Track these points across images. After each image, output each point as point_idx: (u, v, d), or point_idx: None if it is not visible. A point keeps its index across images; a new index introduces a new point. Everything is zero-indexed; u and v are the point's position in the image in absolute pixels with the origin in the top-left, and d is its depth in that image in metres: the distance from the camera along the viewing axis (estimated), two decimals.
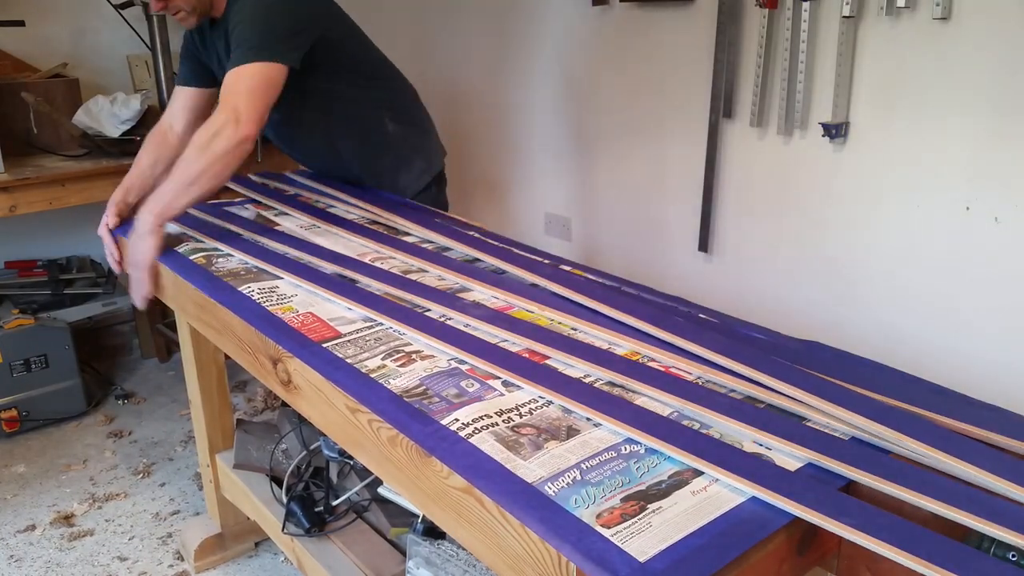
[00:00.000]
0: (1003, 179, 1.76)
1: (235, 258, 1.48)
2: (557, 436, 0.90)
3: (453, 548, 1.25)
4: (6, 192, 2.20)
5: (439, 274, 1.38)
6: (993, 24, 1.71)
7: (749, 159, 2.29)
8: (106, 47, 2.83)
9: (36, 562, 1.91)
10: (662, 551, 0.72)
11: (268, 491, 1.67)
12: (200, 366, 1.77)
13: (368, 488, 1.55)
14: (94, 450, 2.38)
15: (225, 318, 1.30)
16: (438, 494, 0.89)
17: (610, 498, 0.79)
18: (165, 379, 2.83)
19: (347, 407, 1.02)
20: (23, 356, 2.40)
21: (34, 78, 2.54)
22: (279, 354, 1.15)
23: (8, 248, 2.77)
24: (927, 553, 0.70)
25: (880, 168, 1.99)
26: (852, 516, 0.75)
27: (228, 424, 1.85)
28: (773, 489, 0.79)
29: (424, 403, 0.97)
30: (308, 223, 1.67)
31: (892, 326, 2.02)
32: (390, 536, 1.49)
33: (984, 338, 1.86)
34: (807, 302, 2.20)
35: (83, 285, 2.66)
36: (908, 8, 1.83)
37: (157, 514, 2.08)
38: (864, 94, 1.98)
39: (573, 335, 1.16)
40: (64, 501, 2.14)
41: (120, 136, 2.46)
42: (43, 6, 2.69)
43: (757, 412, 0.95)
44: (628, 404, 0.96)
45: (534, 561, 0.76)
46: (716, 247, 2.44)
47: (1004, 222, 1.78)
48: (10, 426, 2.41)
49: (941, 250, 1.90)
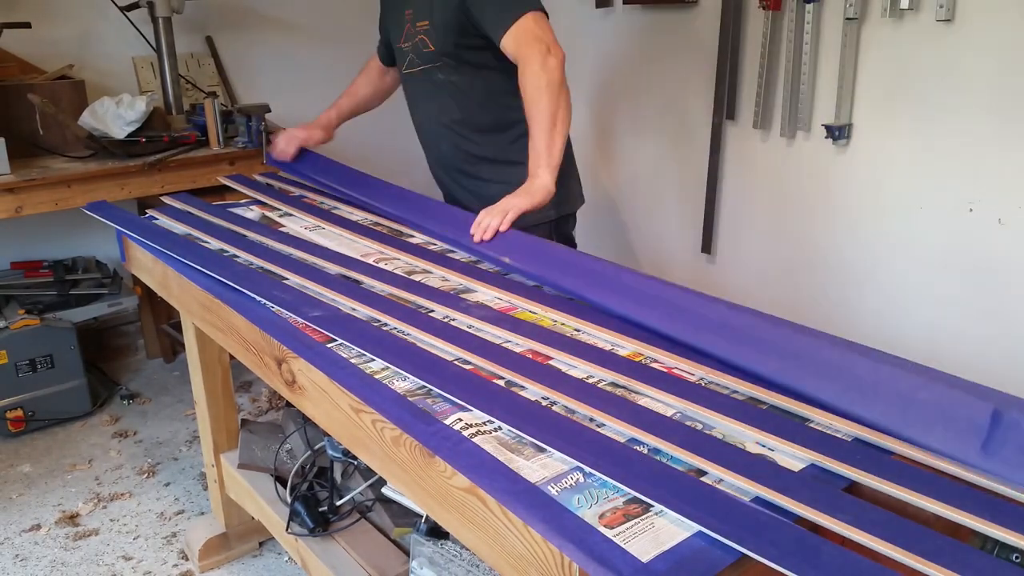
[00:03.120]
0: (1006, 180, 1.76)
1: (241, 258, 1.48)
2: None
3: (456, 548, 1.25)
4: (12, 193, 2.21)
5: (443, 275, 1.39)
6: (996, 26, 1.71)
7: (752, 161, 2.29)
8: (112, 49, 2.84)
9: (41, 561, 1.92)
10: (664, 552, 0.72)
11: (272, 491, 1.67)
12: (205, 366, 1.77)
13: (372, 488, 1.55)
14: (99, 450, 2.39)
15: (230, 319, 1.31)
16: (441, 494, 0.89)
17: (613, 499, 0.79)
18: (170, 379, 2.83)
19: (351, 407, 1.03)
20: (29, 356, 2.41)
21: (40, 80, 2.54)
22: (284, 354, 1.16)
23: (14, 249, 2.78)
24: (929, 553, 0.70)
25: (883, 169, 1.99)
26: (854, 516, 0.75)
27: (233, 424, 1.85)
28: (776, 489, 0.79)
29: (428, 403, 0.97)
30: (312, 224, 1.68)
31: (895, 327, 2.02)
32: (394, 536, 1.49)
33: (986, 339, 1.86)
34: (809, 303, 2.20)
35: (89, 286, 2.66)
36: (911, 10, 1.83)
37: (162, 514, 2.09)
38: (867, 96, 1.98)
39: (576, 336, 1.16)
40: (69, 501, 2.15)
41: (126, 137, 2.47)
42: (49, 8, 2.70)
43: (759, 413, 0.95)
44: (631, 404, 0.97)
45: (537, 561, 0.77)
46: (719, 249, 2.44)
47: (1007, 223, 1.78)
48: (16, 426, 2.42)
49: (944, 251, 1.90)
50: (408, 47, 1.77)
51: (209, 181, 2.54)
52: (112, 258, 2.77)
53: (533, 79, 1.53)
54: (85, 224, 2.72)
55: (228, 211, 1.78)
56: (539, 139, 1.53)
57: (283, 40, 3.21)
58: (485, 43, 1.64)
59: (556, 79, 1.54)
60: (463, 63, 1.71)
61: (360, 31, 3.38)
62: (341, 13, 3.32)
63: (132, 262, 1.74)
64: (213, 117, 2.55)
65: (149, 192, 2.46)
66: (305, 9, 3.23)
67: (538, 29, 1.55)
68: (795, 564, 0.68)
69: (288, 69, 3.23)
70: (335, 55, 3.35)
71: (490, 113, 1.76)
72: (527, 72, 1.54)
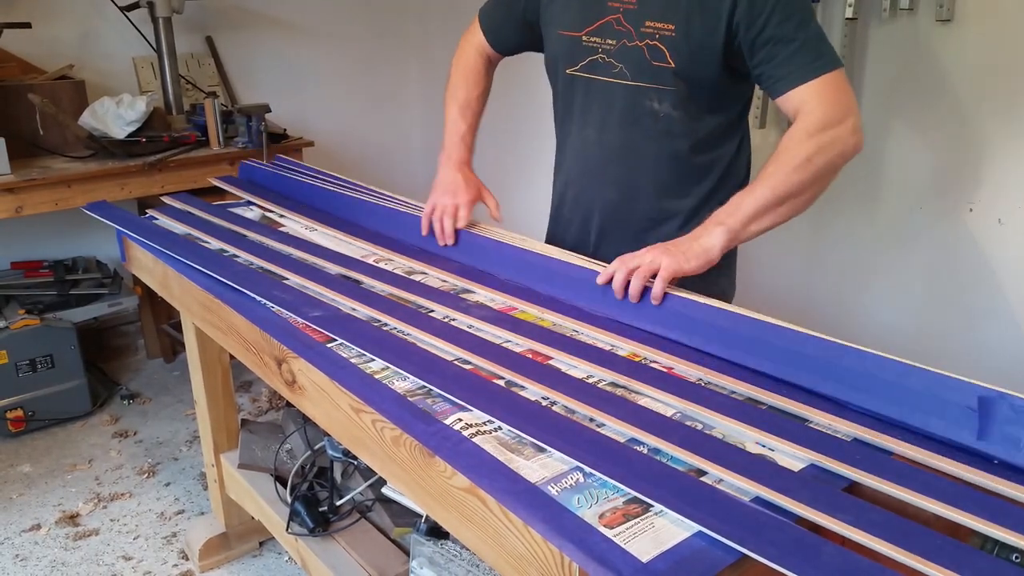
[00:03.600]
0: (1006, 180, 1.76)
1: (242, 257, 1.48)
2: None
3: (456, 548, 1.25)
4: (12, 193, 2.21)
5: (441, 277, 1.39)
6: (995, 26, 1.71)
7: (753, 161, 2.29)
8: (112, 49, 2.84)
9: (41, 561, 1.92)
10: (664, 552, 0.72)
11: (272, 491, 1.67)
12: (205, 366, 1.77)
13: (372, 488, 1.56)
14: (99, 450, 2.39)
15: (230, 319, 1.31)
16: (441, 494, 0.89)
17: (613, 499, 0.79)
18: (170, 379, 2.84)
19: (351, 407, 1.03)
20: (29, 356, 2.41)
21: (40, 80, 2.55)
22: (284, 354, 1.16)
23: (14, 249, 2.78)
24: (929, 553, 0.70)
25: (883, 169, 1.99)
26: (854, 516, 0.75)
27: (233, 424, 1.85)
28: (776, 489, 0.79)
29: (428, 403, 0.97)
30: (311, 225, 1.68)
31: (894, 327, 2.02)
32: (394, 536, 1.49)
33: (987, 339, 1.86)
34: (808, 303, 2.20)
35: (89, 286, 2.66)
36: (910, 10, 1.83)
37: (162, 514, 2.09)
38: (867, 96, 1.97)
39: (575, 336, 1.16)
40: (69, 501, 2.15)
41: (126, 137, 2.47)
42: (49, 8, 2.70)
43: (759, 413, 0.95)
44: (631, 404, 0.97)
45: (537, 561, 0.77)
46: None
47: (1007, 223, 1.78)
48: (16, 426, 2.42)
49: (944, 251, 1.90)
50: (605, 46, 1.31)
51: (208, 181, 2.54)
52: (112, 258, 2.77)
53: (811, 145, 1.17)
54: (85, 224, 2.73)
55: (228, 211, 1.78)
56: (750, 199, 1.17)
57: (283, 40, 3.21)
58: (744, 77, 1.28)
59: (834, 164, 1.19)
60: (699, 97, 1.30)
61: (361, 31, 3.40)
62: (341, 13, 3.32)
63: (132, 262, 1.74)
64: (213, 117, 2.56)
65: (149, 192, 2.47)
66: (305, 9, 3.24)
67: (848, 99, 1.20)
68: (795, 564, 0.68)
69: (288, 69, 3.23)
70: (335, 55, 3.36)
71: (703, 156, 1.36)
72: (815, 130, 1.17)
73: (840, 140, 1.17)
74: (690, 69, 1.26)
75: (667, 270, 1.14)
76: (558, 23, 1.37)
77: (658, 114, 1.31)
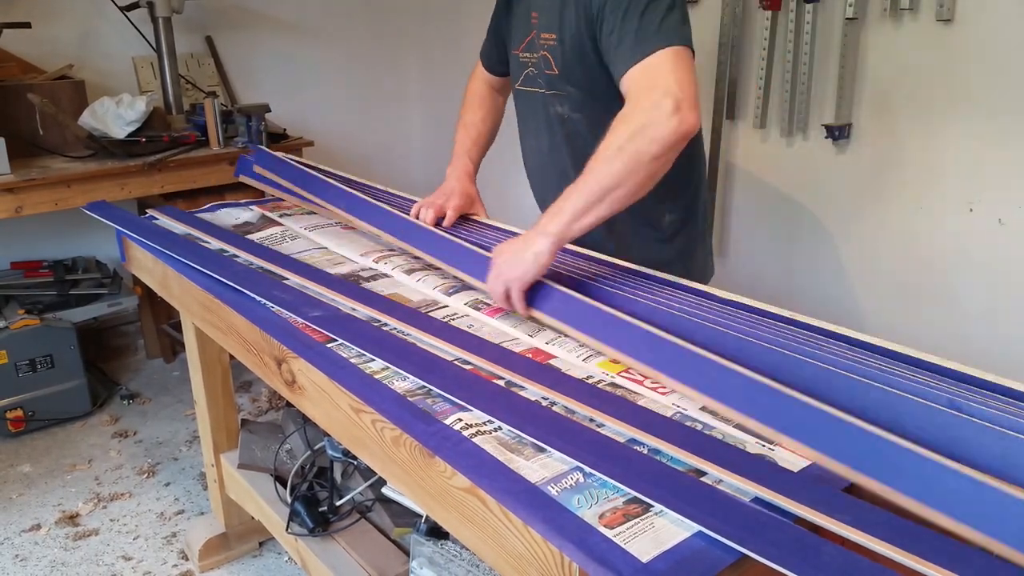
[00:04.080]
0: (1006, 180, 1.76)
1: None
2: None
3: (456, 548, 1.25)
4: (12, 193, 2.21)
5: (441, 276, 1.39)
6: (996, 25, 1.71)
7: (752, 161, 2.29)
8: (112, 49, 2.84)
9: (41, 561, 1.92)
10: (664, 552, 0.72)
11: (272, 491, 1.67)
12: (205, 366, 1.77)
13: (372, 488, 1.56)
14: (99, 450, 2.39)
15: (230, 318, 1.31)
16: (441, 494, 0.89)
17: (613, 499, 0.79)
18: (170, 379, 2.83)
19: (351, 407, 1.03)
20: (29, 356, 2.41)
21: (40, 79, 2.55)
22: (284, 354, 1.16)
23: (14, 249, 2.78)
24: (929, 553, 0.70)
25: (883, 169, 1.99)
26: (854, 516, 0.75)
27: (233, 424, 1.85)
28: (776, 489, 0.79)
29: (428, 403, 0.97)
30: (312, 224, 1.68)
31: (894, 327, 2.02)
32: (394, 536, 1.49)
33: (987, 339, 1.86)
34: (810, 304, 2.20)
35: (89, 286, 2.66)
36: (911, 10, 1.84)
37: (162, 514, 2.09)
38: (867, 96, 1.98)
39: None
40: (69, 501, 2.15)
41: (126, 137, 2.47)
42: (49, 8, 2.70)
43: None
44: (631, 404, 0.97)
45: (537, 561, 0.77)
46: (719, 249, 2.44)
47: (1008, 223, 1.78)
48: (16, 426, 2.42)
49: (944, 251, 1.90)
50: (528, 59, 1.41)
51: (208, 181, 2.54)
52: (112, 258, 2.77)
53: (626, 129, 1.13)
54: (85, 224, 2.73)
55: (227, 211, 1.77)
56: (573, 196, 1.15)
57: (283, 40, 3.21)
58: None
59: (656, 150, 1.11)
60: (592, 99, 1.33)
61: (360, 31, 3.40)
62: (341, 13, 3.32)
63: (132, 262, 1.74)
64: (213, 117, 2.56)
65: (149, 192, 2.47)
66: (305, 9, 3.24)
67: (670, 79, 1.14)
68: (795, 564, 0.68)
69: (288, 69, 3.24)
70: (335, 55, 3.36)
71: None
72: (631, 114, 1.15)
73: (652, 124, 1.11)
74: (572, 74, 1.34)
75: (517, 290, 1.17)
76: (512, 43, 1.49)
77: (563, 118, 1.41)
